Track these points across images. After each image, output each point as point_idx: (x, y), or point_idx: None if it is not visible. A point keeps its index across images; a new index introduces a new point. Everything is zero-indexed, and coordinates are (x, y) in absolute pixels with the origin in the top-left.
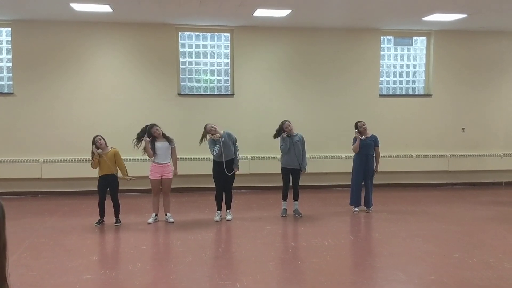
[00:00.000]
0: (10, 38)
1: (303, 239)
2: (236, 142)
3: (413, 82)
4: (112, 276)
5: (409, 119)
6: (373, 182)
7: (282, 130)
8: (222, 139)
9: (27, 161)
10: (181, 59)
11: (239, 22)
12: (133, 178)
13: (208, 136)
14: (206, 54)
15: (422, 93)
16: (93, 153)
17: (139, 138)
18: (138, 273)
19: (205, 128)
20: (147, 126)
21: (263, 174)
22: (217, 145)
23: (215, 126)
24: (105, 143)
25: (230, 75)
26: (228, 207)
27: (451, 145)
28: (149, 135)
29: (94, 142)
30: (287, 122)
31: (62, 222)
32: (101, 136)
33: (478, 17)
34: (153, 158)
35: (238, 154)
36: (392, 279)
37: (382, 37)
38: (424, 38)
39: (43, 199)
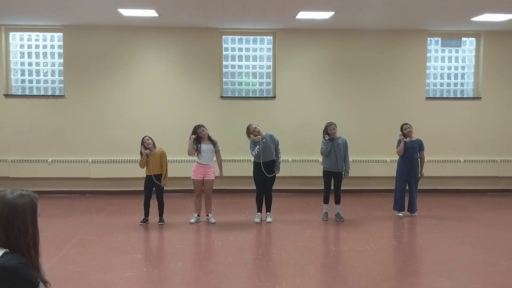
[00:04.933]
0: (62, 42)
1: (344, 243)
2: (278, 144)
3: (462, 84)
4: (154, 273)
5: (457, 122)
6: (418, 187)
7: (326, 132)
8: (263, 140)
9: (76, 161)
10: (224, 63)
11: (282, 25)
12: (165, 184)
13: (251, 136)
14: (248, 57)
15: (471, 96)
16: (141, 153)
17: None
18: (179, 272)
19: (248, 128)
20: (195, 126)
21: (304, 177)
22: (257, 146)
23: (258, 128)
24: (153, 144)
25: (272, 77)
26: (268, 209)
27: (502, 150)
28: (194, 133)
29: (142, 142)
30: (332, 125)
31: (108, 220)
32: (149, 136)
33: None
34: (194, 158)
35: (280, 157)
36: (436, 286)
37: (429, 38)
38: (473, 39)
39: (91, 198)
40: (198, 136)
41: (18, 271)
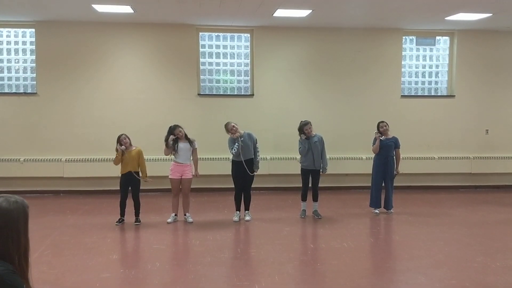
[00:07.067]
0: (34, 39)
1: (322, 240)
2: (256, 143)
3: (436, 82)
4: (131, 275)
5: (431, 120)
6: (394, 184)
7: (302, 132)
8: (241, 138)
9: (49, 160)
10: (201, 60)
11: (259, 22)
12: (151, 180)
13: (229, 135)
14: (226, 55)
15: (445, 94)
16: (117, 150)
17: (167, 140)
18: (157, 273)
19: (226, 126)
20: (170, 127)
21: (282, 174)
22: (236, 144)
23: (236, 126)
24: (130, 142)
25: (250, 75)
26: (246, 208)
27: (475, 147)
28: (170, 133)
29: (119, 140)
30: (308, 125)
31: (83, 220)
32: (126, 135)
33: (503, 17)
34: (173, 157)
35: (259, 155)
36: (413, 283)
37: (404, 37)
38: (447, 38)
39: (65, 197)
40: (176, 137)
41: (4, 278)
